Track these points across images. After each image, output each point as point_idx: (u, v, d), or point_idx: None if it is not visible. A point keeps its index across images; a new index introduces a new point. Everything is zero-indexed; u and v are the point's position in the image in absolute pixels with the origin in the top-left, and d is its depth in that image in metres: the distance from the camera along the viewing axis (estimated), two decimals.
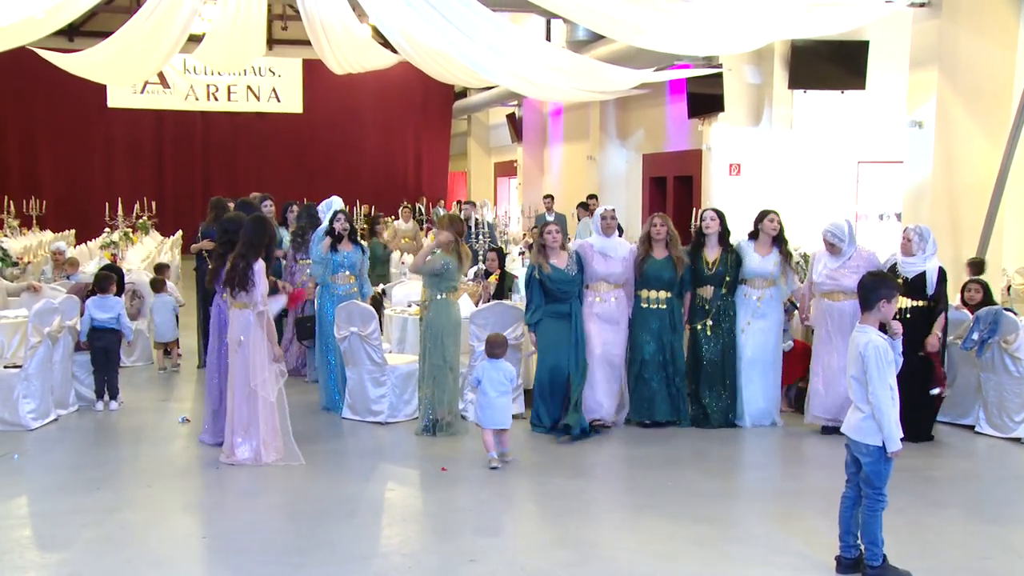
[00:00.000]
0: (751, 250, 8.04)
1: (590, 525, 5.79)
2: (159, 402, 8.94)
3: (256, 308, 6.77)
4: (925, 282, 7.56)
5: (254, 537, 5.51)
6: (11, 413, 7.62)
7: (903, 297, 7.50)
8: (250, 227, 6.92)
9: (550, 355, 7.74)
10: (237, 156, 24.21)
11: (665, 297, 7.95)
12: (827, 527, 5.75)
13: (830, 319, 7.75)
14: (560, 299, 7.76)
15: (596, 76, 11.56)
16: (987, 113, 10.91)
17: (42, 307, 7.85)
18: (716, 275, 7.99)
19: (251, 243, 6.83)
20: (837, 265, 7.72)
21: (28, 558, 5.18)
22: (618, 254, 7.95)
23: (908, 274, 7.62)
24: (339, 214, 8.52)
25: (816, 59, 13.74)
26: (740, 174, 15.14)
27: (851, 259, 7.70)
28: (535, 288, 7.77)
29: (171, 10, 10.65)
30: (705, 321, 8.02)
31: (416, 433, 7.72)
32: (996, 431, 7.82)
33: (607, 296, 7.89)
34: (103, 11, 18.61)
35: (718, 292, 8.01)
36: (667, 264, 7.95)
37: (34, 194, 20.43)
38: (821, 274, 7.78)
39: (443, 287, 7.67)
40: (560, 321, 7.74)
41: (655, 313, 7.94)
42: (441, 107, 25.84)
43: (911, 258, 7.66)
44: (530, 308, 7.79)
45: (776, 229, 8.01)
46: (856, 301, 7.53)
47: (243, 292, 6.75)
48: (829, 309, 7.77)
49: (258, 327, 6.79)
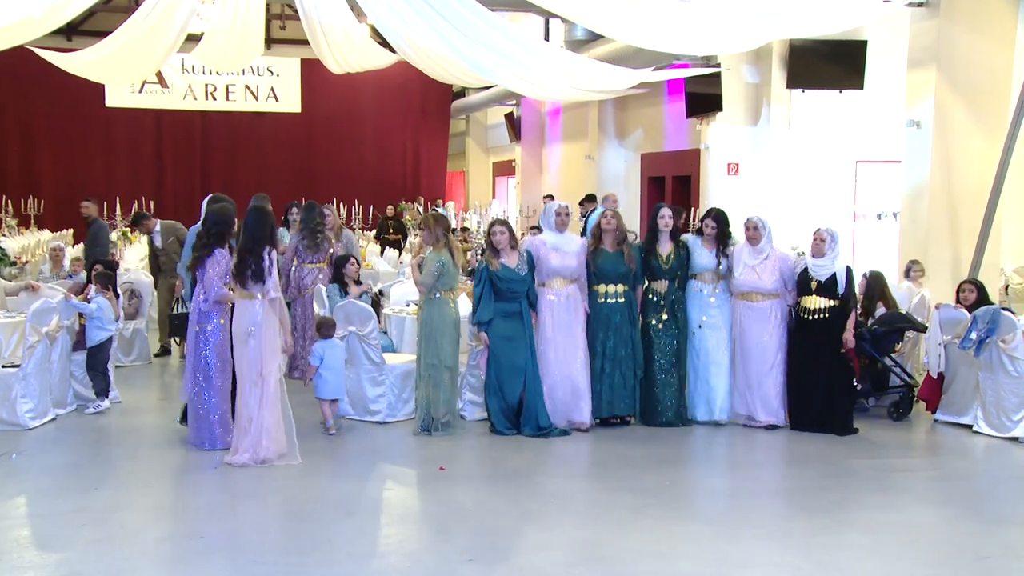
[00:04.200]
0: (698, 245, 8.17)
1: (589, 525, 5.79)
2: (158, 402, 8.94)
3: (269, 295, 6.84)
4: (836, 282, 7.86)
5: (253, 537, 5.51)
6: (9, 413, 7.61)
7: (819, 297, 7.89)
8: (252, 220, 7.02)
9: (502, 354, 7.69)
10: (236, 155, 24.15)
11: (622, 291, 7.97)
12: (827, 527, 5.77)
13: (748, 320, 8.02)
14: (510, 298, 7.73)
15: (594, 76, 11.57)
16: (985, 112, 10.91)
17: (40, 306, 7.84)
18: (671, 269, 8.06)
19: (255, 236, 6.90)
20: (755, 261, 7.98)
21: (27, 558, 5.18)
22: (572, 248, 7.97)
23: (820, 276, 7.93)
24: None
25: (814, 59, 13.74)
26: (738, 174, 15.14)
27: (768, 258, 7.99)
28: (485, 287, 7.73)
29: (169, 9, 10.65)
30: (660, 316, 8.07)
31: (414, 433, 7.72)
32: (994, 430, 7.83)
33: (561, 293, 7.88)
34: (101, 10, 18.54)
35: (671, 287, 8.08)
36: (620, 257, 7.97)
37: (32, 193, 20.41)
38: (742, 271, 7.99)
39: (440, 286, 7.67)
40: (510, 320, 7.72)
41: (614, 307, 7.95)
42: (439, 107, 25.80)
43: (821, 260, 7.96)
44: (477, 306, 7.75)
45: (712, 234, 8.13)
46: (773, 302, 7.95)
47: (259, 283, 6.81)
48: (748, 310, 8.03)
49: (271, 315, 6.87)
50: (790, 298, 8.04)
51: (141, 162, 23.72)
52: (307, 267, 9.53)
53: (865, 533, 5.64)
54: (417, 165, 25.67)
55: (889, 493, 6.45)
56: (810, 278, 7.93)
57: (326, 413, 7.77)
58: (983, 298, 8.36)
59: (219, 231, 7.14)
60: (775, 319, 8.00)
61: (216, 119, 24.00)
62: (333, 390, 7.82)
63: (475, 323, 7.80)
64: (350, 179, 23.89)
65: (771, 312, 8.00)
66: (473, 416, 8.13)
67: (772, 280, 7.98)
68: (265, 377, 6.81)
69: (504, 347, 7.69)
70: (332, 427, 7.70)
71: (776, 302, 8.01)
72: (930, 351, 8.34)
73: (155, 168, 23.81)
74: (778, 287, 8.00)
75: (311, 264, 9.51)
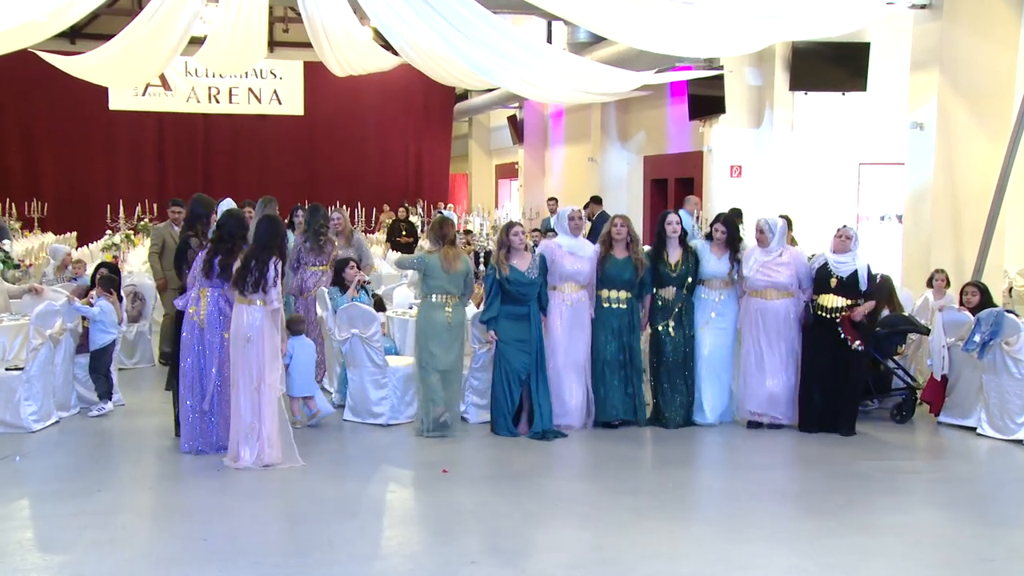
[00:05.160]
0: (707, 251, 8.16)
1: (591, 526, 5.78)
2: (161, 404, 8.94)
3: (271, 306, 6.81)
4: (858, 280, 7.82)
5: (255, 539, 5.51)
6: (12, 415, 7.61)
7: (837, 296, 7.84)
8: (263, 227, 7.03)
9: (509, 355, 7.68)
10: (238, 158, 24.18)
11: (625, 297, 7.98)
12: (831, 528, 5.76)
13: (762, 317, 7.97)
14: (519, 301, 7.72)
15: (597, 78, 11.58)
16: (988, 114, 10.91)
17: (43, 309, 7.85)
18: (679, 276, 8.06)
19: (264, 244, 6.90)
20: (768, 259, 7.96)
21: (30, 560, 5.18)
22: (586, 253, 7.98)
23: (842, 273, 7.88)
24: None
25: (817, 61, 13.74)
26: (741, 176, 15.14)
27: (781, 255, 7.98)
28: (494, 288, 7.73)
29: (173, 13, 10.66)
30: (667, 322, 8.06)
31: (417, 434, 7.73)
32: (998, 433, 7.81)
33: (573, 297, 7.89)
34: (105, 14, 18.63)
35: (680, 293, 8.07)
36: (628, 264, 7.97)
37: (35, 196, 20.43)
38: (753, 268, 7.97)
39: (427, 288, 7.70)
40: (519, 322, 7.71)
41: (615, 313, 7.97)
42: (442, 109, 25.81)
43: (844, 256, 7.89)
44: (486, 306, 7.78)
45: (722, 234, 8.12)
46: (788, 301, 7.92)
47: (260, 292, 6.78)
48: (762, 308, 7.98)
49: (272, 325, 6.85)
50: (805, 296, 8.01)
51: (144, 165, 23.75)
52: (310, 269, 9.52)
53: (869, 535, 5.63)
54: (420, 168, 25.67)
55: (893, 495, 6.44)
56: (830, 275, 7.85)
57: (294, 409, 7.85)
58: (987, 300, 8.35)
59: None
60: (789, 317, 7.98)
61: (219, 122, 24.03)
62: (303, 387, 7.93)
63: (482, 321, 7.83)
64: (353, 182, 23.90)
65: (786, 310, 7.96)
66: (476, 419, 8.12)
67: (787, 276, 7.95)
68: (267, 386, 6.79)
69: (511, 349, 7.69)
70: (298, 422, 7.79)
71: (791, 300, 7.98)
72: (934, 353, 8.32)
73: (157, 171, 23.83)
74: (793, 284, 7.97)
75: (314, 267, 9.49)
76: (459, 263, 7.75)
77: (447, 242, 7.77)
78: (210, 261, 7.03)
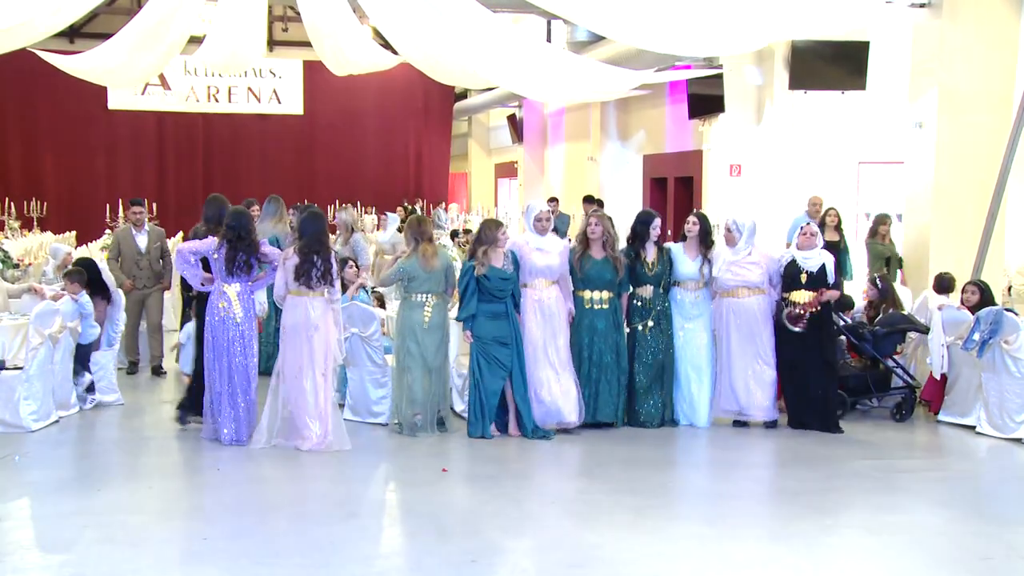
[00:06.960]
0: (680, 253, 8.17)
1: (591, 526, 5.78)
2: (160, 403, 8.94)
3: (333, 296, 7.35)
4: (826, 273, 7.88)
5: (255, 538, 5.51)
6: (12, 415, 7.61)
7: (808, 292, 7.87)
8: (311, 223, 7.40)
9: (489, 355, 7.61)
10: (238, 158, 24.16)
11: (608, 297, 7.95)
12: (829, 528, 5.76)
13: (735, 316, 7.99)
14: (496, 298, 7.64)
15: (596, 77, 11.57)
16: (988, 113, 10.90)
17: (43, 309, 7.85)
18: (656, 275, 8.06)
19: (318, 238, 7.31)
20: (737, 258, 7.99)
21: (30, 560, 5.18)
22: (555, 248, 7.94)
23: (811, 268, 7.91)
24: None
25: (817, 60, 13.72)
26: (741, 175, 15.13)
27: (750, 254, 8.00)
28: (470, 285, 7.66)
29: (172, 12, 10.65)
30: (646, 322, 8.05)
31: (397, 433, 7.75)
32: (997, 431, 7.81)
33: (545, 292, 7.82)
34: (104, 13, 18.63)
35: (657, 292, 8.08)
36: (607, 264, 7.94)
37: (35, 195, 20.43)
38: (722, 268, 8.01)
39: (408, 288, 7.71)
40: (498, 321, 7.64)
41: (600, 313, 7.93)
42: (442, 108, 25.80)
43: (810, 252, 7.95)
44: (463, 305, 7.70)
45: (694, 231, 8.12)
46: (760, 298, 7.93)
47: (326, 284, 7.28)
48: (735, 307, 8.00)
49: (333, 314, 7.34)
50: (775, 294, 8.04)
51: (143, 164, 23.73)
52: None
53: (868, 534, 5.63)
54: (419, 167, 25.66)
55: (892, 494, 6.44)
56: (800, 271, 7.92)
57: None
58: (986, 299, 8.35)
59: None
60: (763, 314, 8.00)
61: (218, 121, 24.02)
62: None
63: (459, 319, 7.79)
64: (352, 181, 23.90)
65: (759, 307, 7.99)
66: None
67: (759, 275, 7.99)
68: (329, 372, 7.34)
69: (492, 348, 7.61)
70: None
71: (763, 297, 8.01)
72: (933, 352, 8.33)
73: (157, 170, 23.82)
74: (764, 282, 8.00)
75: None
76: (437, 260, 7.71)
77: (425, 239, 7.76)
78: (232, 259, 7.32)
